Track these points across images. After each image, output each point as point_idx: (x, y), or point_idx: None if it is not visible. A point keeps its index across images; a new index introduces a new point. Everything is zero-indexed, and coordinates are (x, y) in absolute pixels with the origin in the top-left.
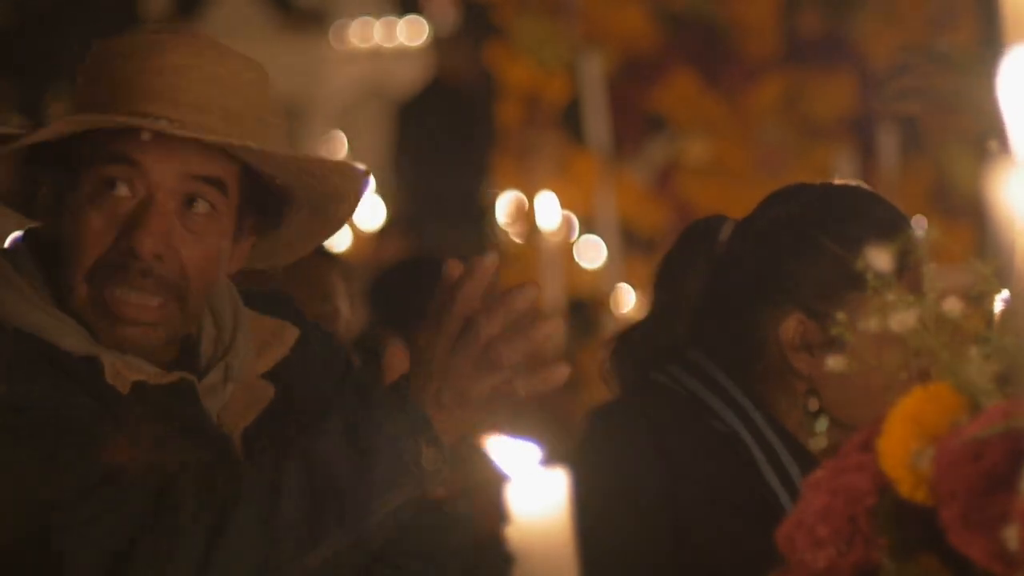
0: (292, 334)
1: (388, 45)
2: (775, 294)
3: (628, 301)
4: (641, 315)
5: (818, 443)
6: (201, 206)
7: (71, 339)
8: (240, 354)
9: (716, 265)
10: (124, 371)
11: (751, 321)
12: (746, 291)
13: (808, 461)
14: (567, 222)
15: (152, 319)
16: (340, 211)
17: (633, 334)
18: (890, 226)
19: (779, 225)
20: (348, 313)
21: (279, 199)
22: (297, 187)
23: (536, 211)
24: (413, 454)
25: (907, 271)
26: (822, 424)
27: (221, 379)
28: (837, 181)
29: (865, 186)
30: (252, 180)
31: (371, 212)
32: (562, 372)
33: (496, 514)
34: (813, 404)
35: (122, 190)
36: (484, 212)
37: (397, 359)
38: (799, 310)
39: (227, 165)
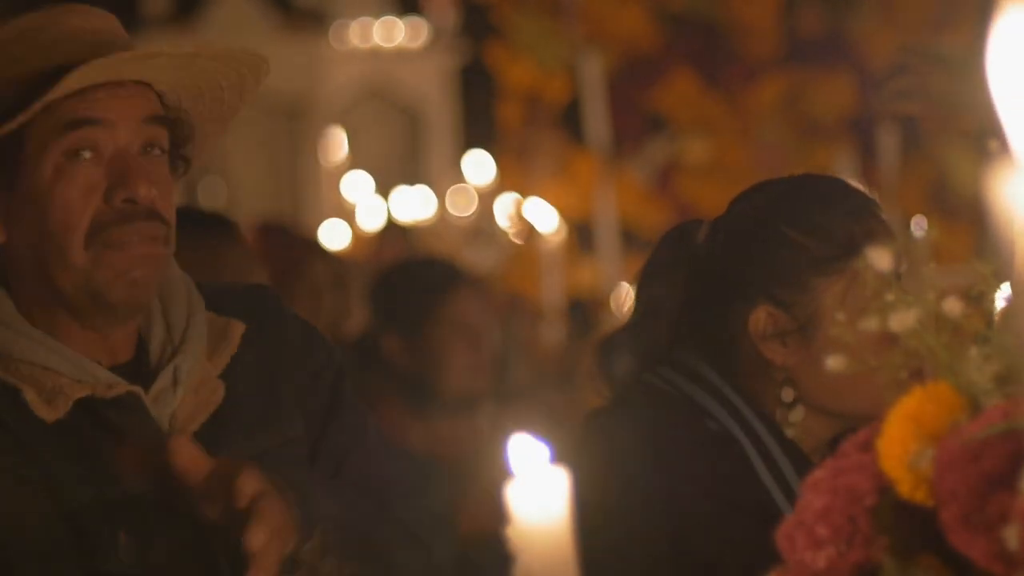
0: (238, 330)
1: (388, 45)
2: (743, 287)
3: (628, 301)
4: (617, 327)
5: (792, 433)
6: (156, 148)
7: (17, 345)
8: (190, 356)
9: (692, 266)
10: (67, 389)
11: (725, 317)
12: (717, 288)
13: (801, 458)
14: (567, 222)
15: (158, 253)
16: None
17: (615, 339)
18: (854, 210)
19: (743, 219)
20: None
21: (182, 122)
22: (199, 103)
23: (535, 211)
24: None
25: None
26: (797, 415)
27: (170, 383)
28: (806, 173)
29: (835, 176)
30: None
31: (372, 213)
32: None
33: (496, 514)
34: (788, 394)
35: (87, 155)
36: None
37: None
38: (767, 301)
39: (159, 102)
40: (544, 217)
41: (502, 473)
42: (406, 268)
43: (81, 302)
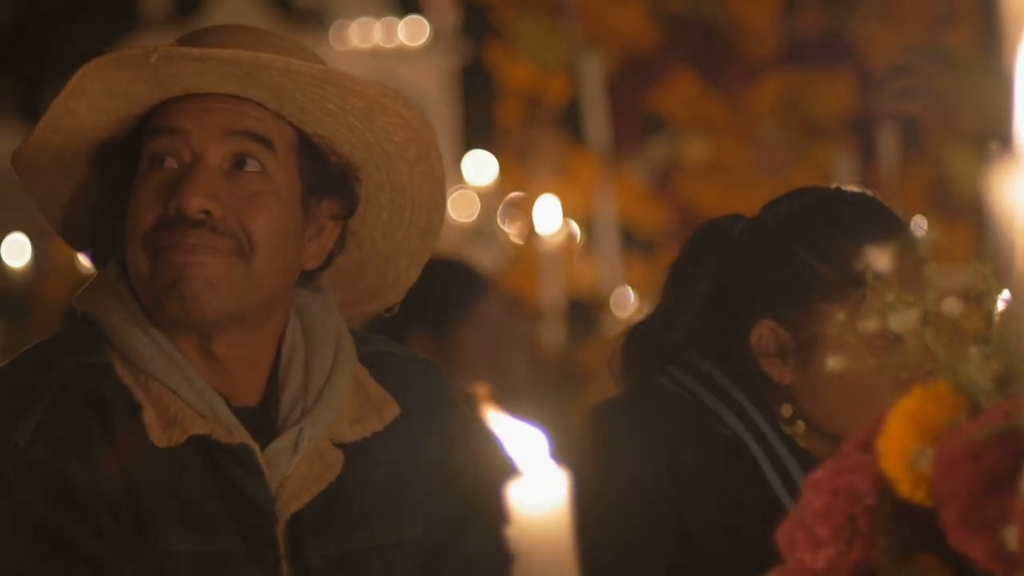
0: (391, 412)
1: (388, 45)
2: (752, 299)
3: (628, 301)
4: (641, 315)
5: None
6: (250, 165)
7: (157, 363)
8: (319, 422)
9: (717, 266)
10: (188, 421)
11: (734, 325)
12: (730, 294)
13: (810, 463)
14: (567, 222)
15: (208, 263)
16: (412, 181)
17: (641, 330)
18: (873, 241)
19: (765, 229)
20: None
21: (347, 177)
22: (349, 145)
23: (536, 211)
24: None
25: (904, 274)
26: (796, 430)
27: (290, 445)
28: (844, 188)
29: (871, 196)
30: (312, 154)
31: None
32: None
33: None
34: (786, 410)
35: (169, 162)
36: None
37: None
38: (771, 317)
39: (274, 125)
40: (547, 216)
41: (501, 472)
42: (434, 269)
43: (158, 316)
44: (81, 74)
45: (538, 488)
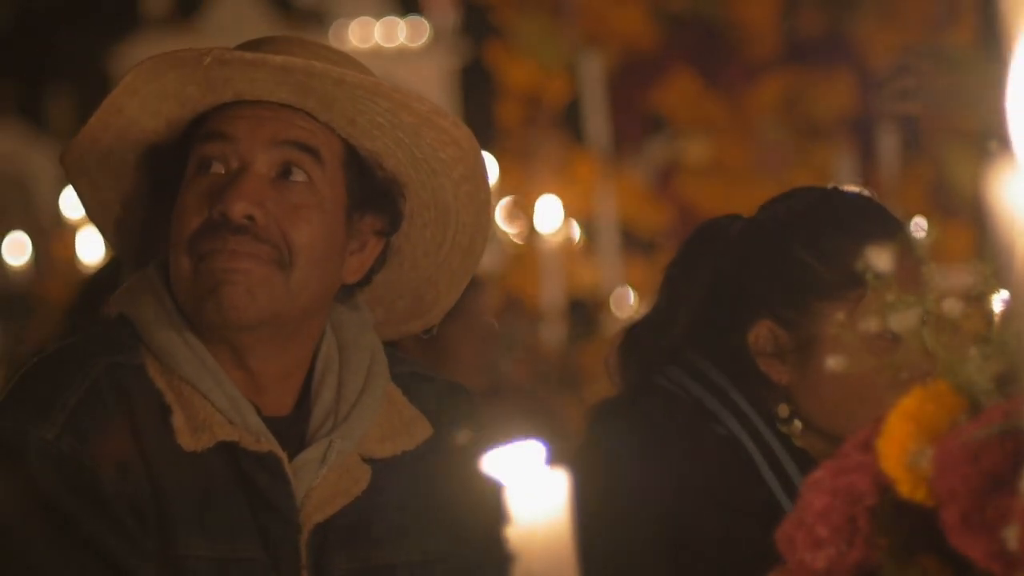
0: (423, 431)
1: (388, 45)
2: (750, 299)
3: (628, 301)
4: (641, 314)
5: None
6: (297, 175)
7: (190, 367)
8: (350, 434)
9: (716, 265)
10: (216, 427)
11: (732, 326)
12: (728, 294)
13: (807, 463)
14: (567, 222)
15: (250, 270)
16: (457, 200)
17: (638, 330)
18: (871, 240)
19: (763, 229)
20: None
21: (392, 193)
22: (396, 160)
23: (536, 211)
24: None
25: (903, 274)
26: (793, 430)
27: (319, 458)
28: (841, 187)
29: (868, 195)
30: (359, 168)
31: None
32: None
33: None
34: (783, 410)
35: (216, 167)
36: None
37: None
38: (769, 317)
39: (323, 136)
40: (547, 216)
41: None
42: None
43: (195, 321)
44: (134, 73)
45: (538, 491)
